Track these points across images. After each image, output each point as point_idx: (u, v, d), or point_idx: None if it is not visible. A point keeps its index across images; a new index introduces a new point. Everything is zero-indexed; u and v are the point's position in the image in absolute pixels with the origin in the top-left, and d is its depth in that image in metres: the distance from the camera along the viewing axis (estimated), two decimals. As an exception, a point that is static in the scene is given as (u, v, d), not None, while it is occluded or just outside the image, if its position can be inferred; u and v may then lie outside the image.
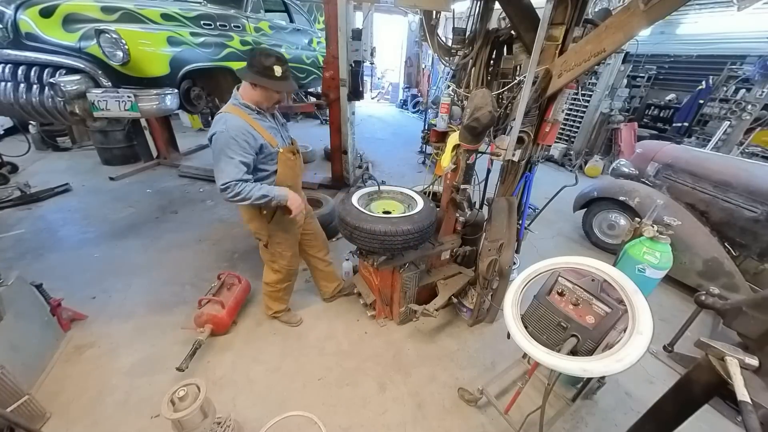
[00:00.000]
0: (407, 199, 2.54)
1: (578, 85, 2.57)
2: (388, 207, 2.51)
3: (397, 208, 2.49)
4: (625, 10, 1.51)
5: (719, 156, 3.79)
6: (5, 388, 1.62)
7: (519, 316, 1.50)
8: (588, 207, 3.92)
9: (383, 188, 2.57)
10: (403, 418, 1.96)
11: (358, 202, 2.31)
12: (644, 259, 1.67)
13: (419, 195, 2.47)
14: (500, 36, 2.14)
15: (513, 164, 2.20)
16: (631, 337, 1.19)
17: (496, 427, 1.93)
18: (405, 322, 2.60)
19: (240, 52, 3.43)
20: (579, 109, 6.58)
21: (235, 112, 1.74)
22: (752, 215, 2.84)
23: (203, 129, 7.80)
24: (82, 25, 2.40)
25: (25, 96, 2.43)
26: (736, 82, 5.90)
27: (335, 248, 3.53)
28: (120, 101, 2.42)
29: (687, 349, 1.94)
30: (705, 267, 2.90)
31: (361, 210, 2.19)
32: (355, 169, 4.98)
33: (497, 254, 2.19)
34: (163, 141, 5.55)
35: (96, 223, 3.72)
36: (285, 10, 4.84)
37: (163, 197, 4.45)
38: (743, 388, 0.86)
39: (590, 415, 2.02)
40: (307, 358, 2.29)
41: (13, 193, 4.05)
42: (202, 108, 3.34)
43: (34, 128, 5.53)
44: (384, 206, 2.52)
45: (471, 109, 1.88)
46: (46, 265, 2.96)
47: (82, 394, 1.96)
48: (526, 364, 2.07)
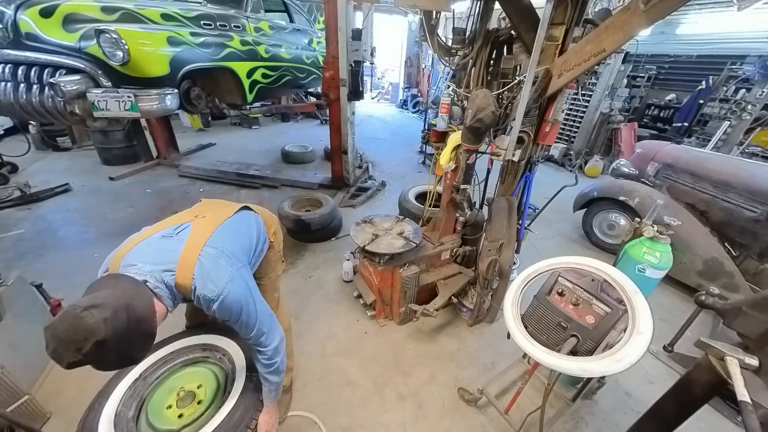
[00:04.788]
0: (217, 356, 1.53)
1: (578, 85, 2.57)
2: (190, 383, 1.41)
3: (203, 389, 1.38)
4: (625, 10, 1.51)
5: (719, 156, 3.78)
6: (5, 388, 1.61)
7: (519, 316, 1.50)
8: (588, 207, 3.92)
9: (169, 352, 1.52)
10: (403, 418, 1.96)
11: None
12: (644, 259, 1.67)
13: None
14: (500, 36, 2.14)
15: (513, 164, 2.20)
16: (631, 337, 1.19)
17: (496, 427, 1.93)
18: (405, 322, 2.60)
19: (240, 52, 3.44)
20: (579, 109, 6.58)
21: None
22: (752, 215, 2.84)
23: (203, 129, 7.81)
24: (82, 25, 2.40)
25: (25, 96, 2.43)
26: (736, 82, 5.90)
27: (335, 248, 3.54)
28: (120, 101, 2.42)
29: (687, 349, 1.94)
30: (705, 267, 2.90)
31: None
32: (355, 169, 4.98)
33: (497, 254, 2.19)
34: (163, 141, 5.55)
35: (96, 223, 3.72)
36: (285, 10, 4.84)
37: (163, 197, 4.46)
38: (743, 388, 0.86)
39: (590, 415, 2.02)
40: (307, 358, 2.29)
41: (13, 193, 4.04)
42: (202, 108, 3.34)
43: (34, 128, 5.53)
44: (181, 384, 1.40)
45: (473, 110, 1.88)
46: (46, 265, 2.96)
47: (82, 394, 1.95)
48: (526, 364, 2.07)
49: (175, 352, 1.53)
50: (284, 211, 3.40)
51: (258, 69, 3.76)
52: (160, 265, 1.10)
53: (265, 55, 3.86)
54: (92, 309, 0.85)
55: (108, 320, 0.86)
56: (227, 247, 1.23)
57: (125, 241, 1.22)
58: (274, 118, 9.17)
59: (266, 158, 6.17)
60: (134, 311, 0.94)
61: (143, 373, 1.43)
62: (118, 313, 0.89)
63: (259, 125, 8.47)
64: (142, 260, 1.10)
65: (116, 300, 0.91)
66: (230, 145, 6.86)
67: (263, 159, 6.09)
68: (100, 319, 0.85)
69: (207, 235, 1.22)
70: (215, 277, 1.13)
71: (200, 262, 1.13)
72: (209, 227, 1.26)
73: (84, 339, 0.83)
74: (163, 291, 1.08)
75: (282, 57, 4.24)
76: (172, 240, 1.19)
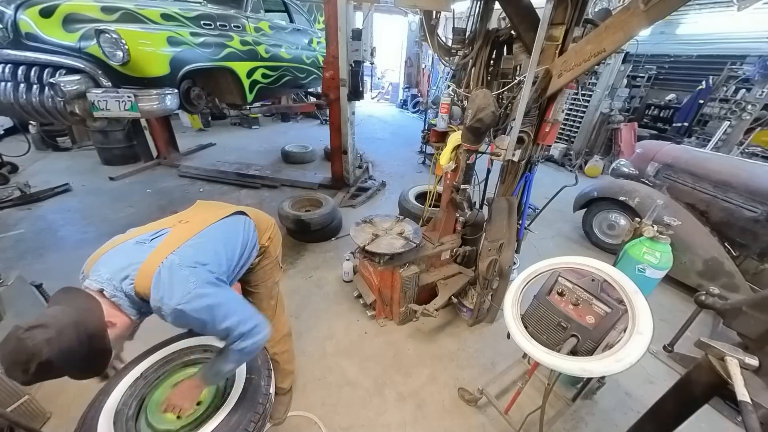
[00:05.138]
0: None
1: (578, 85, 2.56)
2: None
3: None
4: (625, 10, 1.51)
5: (719, 156, 3.79)
6: (5, 388, 1.61)
7: (519, 316, 1.50)
8: (588, 207, 3.92)
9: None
10: (403, 418, 1.96)
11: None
12: (644, 259, 1.67)
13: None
14: (500, 36, 2.14)
15: (513, 164, 2.20)
16: (631, 337, 1.19)
17: (496, 427, 1.93)
18: (405, 322, 2.60)
19: (240, 52, 3.43)
20: (579, 109, 6.58)
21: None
22: (752, 215, 2.84)
23: (203, 129, 7.81)
24: (82, 25, 2.39)
25: (25, 96, 2.43)
26: (736, 82, 5.90)
27: (335, 248, 3.54)
28: (120, 101, 2.41)
29: (687, 349, 1.94)
30: (705, 267, 2.90)
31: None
32: (355, 169, 4.98)
33: (497, 254, 2.19)
34: (163, 141, 5.56)
35: (96, 223, 3.73)
36: (285, 10, 4.83)
37: (163, 197, 4.46)
38: (743, 388, 0.86)
39: (590, 415, 2.02)
40: (307, 358, 2.29)
41: (13, 193, 4.05)
42: (202, 108, 3.33)
43: (34, 128, 5.53)
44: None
45: (474, 110, 1.88)
46: (46, 265, 2.97)
47: (82, 394, 1.95)
48: (526, 364, 2.07)
49: (176, 352, 1.54)
50: (284, 211, 3.41)
51: (258, 69, 3.76)
52: (120, 273, 1.06)
53: (265, 55, 3.86)
54: (35, 330, 0.84)
55: (52, 340, 0.85)
56: (197, 257, 1.16)
57: (107, 242, 1.20)
58: (274, 118, 9.17)
59: (266, 158, 6.17)
60: (84, 327, 0.92)
61: (144, 373, 1.44)
62: (63, 332, 0.87)
63: (259, 125, 8.47)
64: (105, 267, 1.08)
65: (65, 317, 0.90)
66: (230, 145, 6.86)
67: (263, 159, 6.09)
68: (41, 340, 0.83)
69: (180, 242, 1.17)
70: (171, 288, 1.05)
71: (159, 271, 1.06)
72: (186, 234, 1.22)
73: (27, 361, 0.82)
74: (121, 300, 1.05)
75: (282, 57, 4.24)
76: (144, 246, 1.16)
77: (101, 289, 1.03)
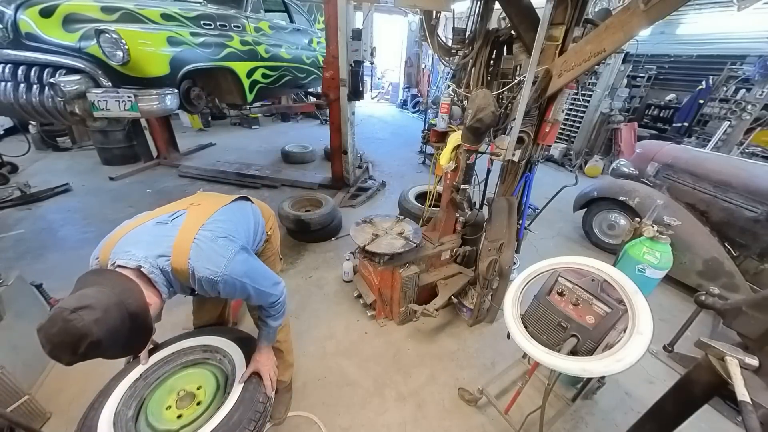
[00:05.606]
0: (217, 357, 1.55)
1: (578, 85, 2.56)
2: (190, 384, 1.45)
3: (203, 390, 1.42)
4: (625, 10, 1.51)
5: (719, 156, 3.78)
6: (5, 388, 1.61)
7: (519, 316, 1.50)
8: (588, 207, 3.92)
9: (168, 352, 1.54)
10: (403, 418, 1.96)
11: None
12: (644, 259, 1.67)
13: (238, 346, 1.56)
14: (500, 36, 2.14)
15: (513, 164, 2.20)
16: (631, 337, 1.19)
17: (496, 427, 1.93)
18: (405, 322, 2.60)
19: (240, 52, 3.44)
20: (579, 109, 6.58)
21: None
22: (752, 215, 2.84)
23: (203, 129, 7.81)
24: (82, 25, 2.40)
25: (25, 96, 2.43)
26: (736, 82, 5.90)
27: (335, 248, 3.54)
28: (120, 101, 2.41)
29: (687, 349, 1.94)
30: (705, 267, 2.90)
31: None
32: (355, 169, 4.98)
33: (497, 254, 2.19)
34: (163, 141, 5.55)
35: (96, 223, 3.72)
36: (285, 10, 4.84)
37: (163, 197, 4.46)
38: (743, 388, 0.86)
39: (590, 415, 2.02)
40: (307, 358, 2.29)
41: (13, 193, 4.04)
42: (202, 108, 3.34)
43: (34, 128, 5.52)
44: (180, 385, 1.44)
45: (473, 110, 1.88)
46: (46, 265, 2.97)
47: (82, 394, 1.95)
48: (526, 364, 2.07)
49: (175, 353, 1.54)
50: (284, 211, 3.40)
51: (258, 69, 3.76)
52: (154, 251, 1.08)
53: (265, 55, 3.86)
54: (81, 311, 0.84)
55: (100, 320, 0.85)
56: (225, 229, 1.23)
57: (118, 227, 1.21)
58: (274, 118, 9.17)
59: (266, 158, 6.17)
60: (127, 307, 0.93)
61: (144, 374, 1.44)
62: (109, 311, 0.88)
63: (259, 125, 8.47)
64: (136, 246, 1.09)
65: (106, 298, 0.90)
66: (230, 145, 6.86)
67: (263, 159, 6.09)
68: (90, 320, 0.84)
69: (203, 220, 1.22)
70: (213, 257, 1.12)
71: (196, 245, 1.12)
72: (205, 213, 1.26)
73: (77, 341, 0.83)
74: (158, 277, 1.06)
75: (282, 57, 4.24)
76: (167, 226, 1.19)
77: (139, 266, 1.03)
